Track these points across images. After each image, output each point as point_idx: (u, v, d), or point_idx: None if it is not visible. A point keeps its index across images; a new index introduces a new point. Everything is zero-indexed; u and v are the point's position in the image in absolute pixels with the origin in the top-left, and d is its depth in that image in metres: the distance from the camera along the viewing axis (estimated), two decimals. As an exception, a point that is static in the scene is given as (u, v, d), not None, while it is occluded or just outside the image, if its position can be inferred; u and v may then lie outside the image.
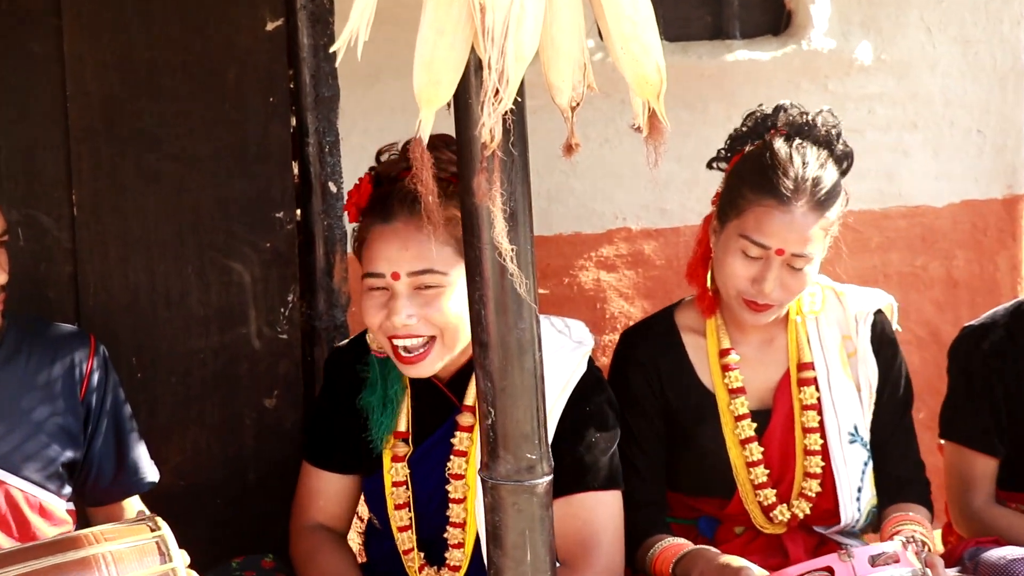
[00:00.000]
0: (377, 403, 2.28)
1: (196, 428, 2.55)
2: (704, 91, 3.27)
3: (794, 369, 2.50)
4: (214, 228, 2.52)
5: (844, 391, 2.48)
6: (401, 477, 2.27)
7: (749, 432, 2.47)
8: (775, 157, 2.38)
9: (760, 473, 2.46)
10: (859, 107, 3.42)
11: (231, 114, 2.50)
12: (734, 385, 2.48)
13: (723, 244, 2.40)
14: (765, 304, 2.37)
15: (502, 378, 1.61)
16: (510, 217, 1.51)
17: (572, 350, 2.26)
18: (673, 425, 2.51)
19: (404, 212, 2.12)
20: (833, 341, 2.50)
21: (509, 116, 1.46)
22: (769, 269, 2.34)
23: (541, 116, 2.84)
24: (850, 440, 2.48)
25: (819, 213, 2.35)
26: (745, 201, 2.37)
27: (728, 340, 2.50)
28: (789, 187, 2.33)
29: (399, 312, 2.11)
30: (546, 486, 1.64)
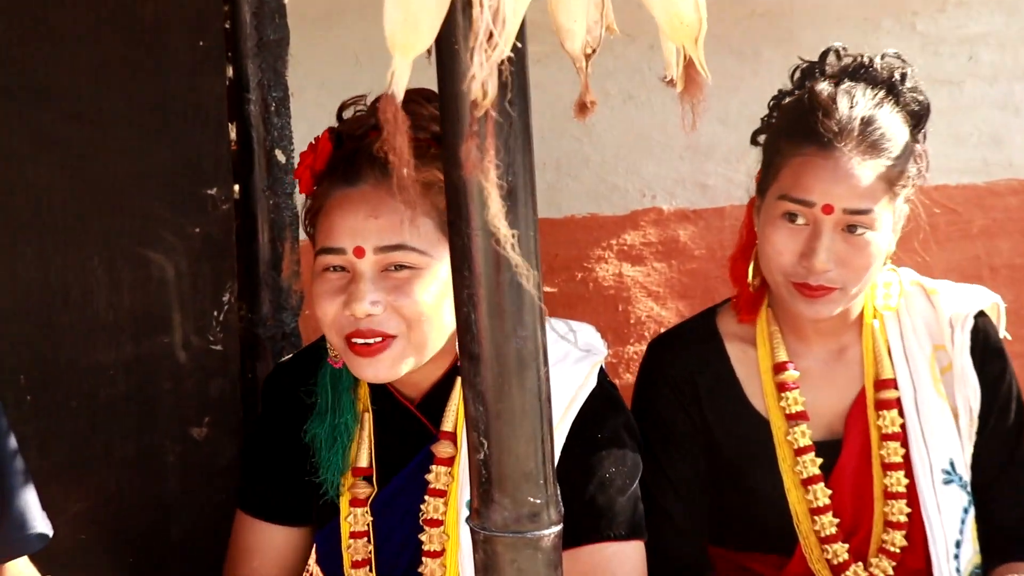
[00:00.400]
0: (326, 436, 2.30)
1: (103, 467, 2.57)
2: (756, 34, 3.29)
3: (871, 388, 2.51)
4: (127, 208, 2.53)
5: (937, 416, 2.49)
6: (362, 526, 2.29)
7: (813, 470, 2.48)
8: (815, 98, 2.41)
9: (828, 523, 2.48)
10: (957, 52, 3.44)
11: (147, 62, 2.52)
12: (793, 409, 2.49)
13: (764, 218, 2.42)
14: (820, 287, 2.36)
15: (497, 400, 1.62)
16: (508, 195, 1.53)
17: (578, 360, 2.28)
18: (716, 461, 2.53)
19: (375, 173, 2.13)
20: (922, 352, 2.51)
21: (506, 66, 1.47)
22: (819, 237, 2.34)
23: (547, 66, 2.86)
24: (945, 480, 2.48)
25: (874, 157, 2.34)
26: (782, 156, 2.40)
27: (785, 351, 2.51)
28: (831, 128, 2.35)
29: (362, 298, 2.10)
30: (554, 539, 1.66)
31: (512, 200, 1.54)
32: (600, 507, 2.23)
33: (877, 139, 2.36)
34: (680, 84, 1.53)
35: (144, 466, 2.59)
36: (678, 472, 2.50)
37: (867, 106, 2.38)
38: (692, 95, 1.53)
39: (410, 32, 1.44)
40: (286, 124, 2.64)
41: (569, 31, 1.51)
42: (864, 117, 2.37)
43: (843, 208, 2.33)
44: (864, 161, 2.34)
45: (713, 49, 1.56)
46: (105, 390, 2.55)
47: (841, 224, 2.34)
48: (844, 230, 2.35)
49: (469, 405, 1.64)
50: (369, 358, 2.13)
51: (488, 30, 1.42)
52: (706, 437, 2.52)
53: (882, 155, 2.35)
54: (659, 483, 2.49)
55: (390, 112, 1.43)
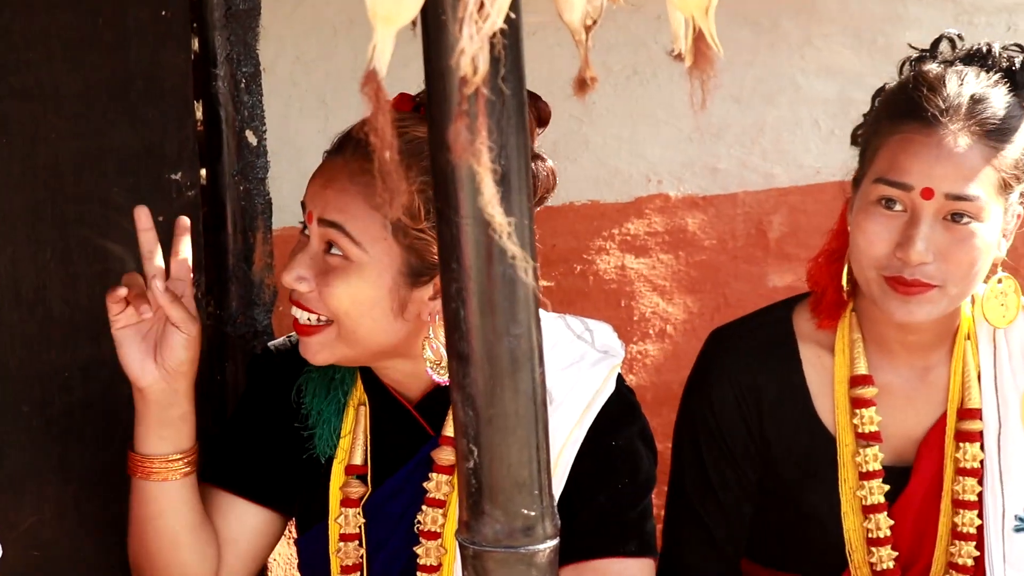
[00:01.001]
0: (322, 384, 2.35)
1: (58, 479, 2.57)
2: (773, 3, 3.30)
3: (952, 415, 2.47)
4: (83, 195, 2.53)
5: (1019, 457, 2.45)
6: (353, 528, 2.31)
7: (879, 497, 2.45)
8: (921, 76, 2.38)
9: (886, 556, 2.46)
10: (994, 22, 3.45)
11: (106, 33, 2.52)
12: (867, 428, 2.45)
13: (858, 207, 2.37)
14: (916, 282, 2.30)
15: (489, 405, 1.63)
16: (500, 180, 1.53)
17: (595, 362, 2.30)
18: (770, 476, 2.51)
19: (351, 148, 2.21)
20: (1015, 384, 2.47)
21: (498, 39, 1.48)
22: (917, 224, 2.29)
23: (543, 39, 2.86)
24: (1016, 527, 2.45)
25: (983, 140, 2.30)
26: (880, 137, 2.36)
27: (866, 364, 2.46)
28: (937, 103, 2.31)
29: (292, 268, 2.21)
30: (549, 554, 1.67)
31: (505, 186, 1.54)
32: (609, 521, 2.25)
33: (988, 118, 2.31)
34: (689, 58, 1.54)
35: (104, 478, 2.59)
36: (725, 484, 2.48)
37: (977, 85, 2.34)
38: (702, 70, 1.53)
39: (393, 1, 1.44)
40: (257, 102, 2.64)
41: (568, 1, 1.51)
42: (975, 95, 2.33)
43: (945, 193, 2.28)
44: (972, 143, 2.30)
45: (726, 20, 1.57)
46: (61, 396, 2.55)
47: (943, 212, 2.30)
48: (946, 219, 2.30)
49: (458, 409, 1.65)
50: (301, 337, 2.25)
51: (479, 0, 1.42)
52: (763, 450, 2.50)
53: (992, 138, 2.31)
54: (702, 494, 2.48)
55: (372, 89, 1.43)
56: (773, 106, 3.41)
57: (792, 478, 2.50)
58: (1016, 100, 2.36)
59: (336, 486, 2.33)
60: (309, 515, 2.37)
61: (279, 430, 2.39)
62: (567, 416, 2.23)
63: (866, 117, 2.51)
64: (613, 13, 1.55)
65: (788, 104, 3.40)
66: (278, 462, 2.38)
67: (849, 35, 3.32)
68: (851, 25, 3.31)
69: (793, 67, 3.39)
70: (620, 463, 2.27)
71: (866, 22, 3.31)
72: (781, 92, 3.41)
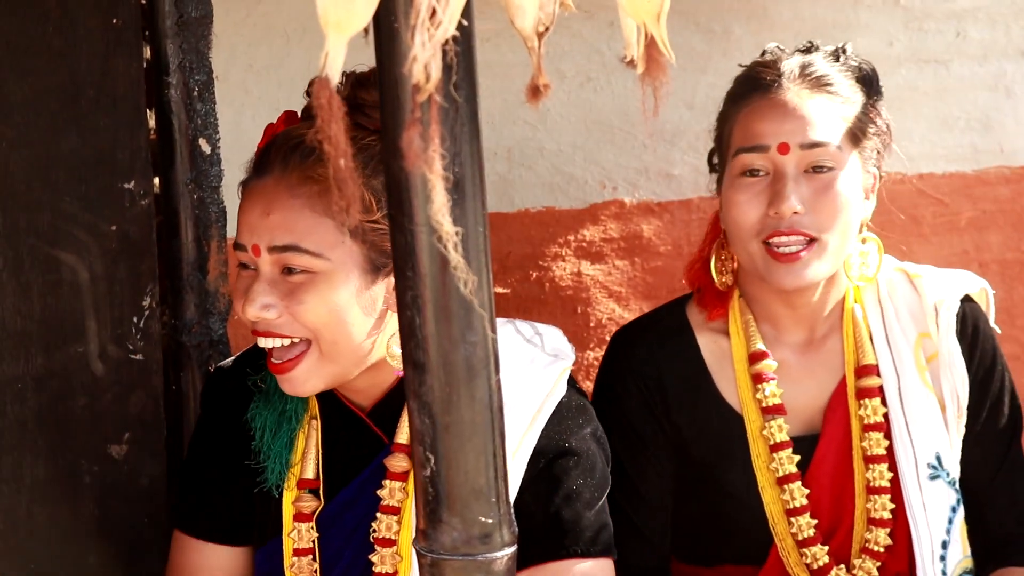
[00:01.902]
0: (272, 420, 2.33)
1: (11, 490, 2.56)
2: (725, 9, 3.31)
3: (851, 376, 2.55)
4: (34, 204, 2.52)
5: (922, 407, 2.53)
6: (307, 543, 2.31)
7: (790, 467, 2.51)
8: (755, 64, 2.56)
9: (805, 524, 2.51)
10: (944, 29, 3.47)
11: (55, 41, 2.51)
12: (770, 402, 2.53)
13: (725, 193, 2.50)
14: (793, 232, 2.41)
15: (445, 412, 1.63)
16: (454, 188, 1.53)
17: (546, 366, 2.31)
18: (685, 462, 2.56)
19: (278, 165, 2.18)
20: (906, 340, 2.56)
21: (451, 46, 1.48)
22: (782, 179, 2.42)
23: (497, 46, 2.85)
24: (931, 475, 2.52)
25: (823, 94, 2.47)
26: (730, 122, 2.51)
27: (761, 340, 2.55)
28: (774, 72, 2.49)
29: (253, 299, 2.16)
30: (507, 562, 1.67)
31: (459, 193, 1.54)
32: (566, 522, 2.25)
33: (819, 76, 2.48)
34: (641, 65, 1.54)
35: (57, 488, 2.58)
36: (645, 478, 2.52)
37: (804, 57, 2.52)
38: (654, 77, 1.54)
39: (345, 8, 1.43)
40: (210, 110, 2.63)
41: (520, 7, 1.51)
42: (802, 61, 2.51)
43: (799, 143, 2.43)
44: (812, 95, 2.46)
45: (678, 26, 1.57)
46: (13, 406, 2.54)
47: (802, 164, 2.43)
48: (807, 172, 2.43)
49: (414, 417, 1.64)
50: (282, 375, 2.20)
51: (431, 6, 1.42)
52: (674, 437, 2.55)
53: (828, 90, 2.47)
54: (624, 489, 2.51)
55: (324, 97, 1.43)
56: (726, 112, 3.42)
57: (708, 460, 2.55)
58: (843, 71, 2.52)
59: (288, 501, 2.33)
60: (263, 532, 2.36)
61: (232, 463, 2.38)
62: (519, 420, 2.23)
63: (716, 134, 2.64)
64: (566, 20, 1.55)
65: (741, 110, 3.41)
66: (236, 499, 2.38)
67: (801, 41, 3.32)
68: (803, 31, 3.32)
69: (746, 73, 3.40)
70: (575, 464, 2.27)
71: (818, 28, 3.32)
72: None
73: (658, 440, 2.54)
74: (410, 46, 1.43)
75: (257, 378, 2.37)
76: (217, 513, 2.39)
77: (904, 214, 3.35)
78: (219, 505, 2.39)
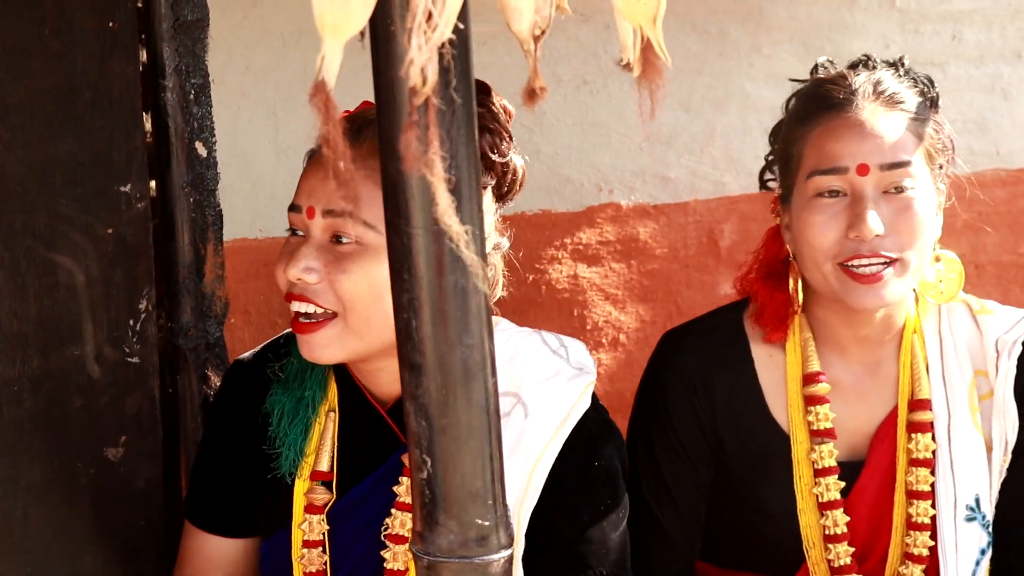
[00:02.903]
0: (289, 407, 2.33)
1: (8, 492, 2.56)
2: (721, 11, 3.32)
3: (903, 407, 2.51)
4: (30, 207, 2.52)
5: (969, 447, 2.49)
6: (317, 535, 2.31)
7: (834, 494, 2.48)
8: (820, 80, 2.49)
9: (843, 552, 2.48)
10: (940, 31, 3.48)
11: (51, 43, 2.51)
12: (821, 425, 2.48)
13: (797, 210, 2.43)
14: (875, 255, 2.35)
15: (441, 415, 1.63)
16: (452, 190, 1.54)
17: (571, 378, 2.31)
18: (723, 474, 2.54)
19: (351, 135, 2.19)
20: (961, 377, 2.51)
21: (448, 49, 1.48)
22: (862, 200, 2.36)
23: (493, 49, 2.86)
24: (968, 517, 2.49)
25: (899, 112, 2.40)
26: (799, 142, 2.44)
27: (818, 361, 2.50)
28: (846, 89, 2.42)
29: (298, 261, 2.18)
30: (504, 564, 1.67)
31: (456, 196, 1.55)
32: (593, 540, 2.26)
33: (892, 93, 2.42)
34: (637, 68, 1.54)
35: (54, 491, 2.58)
36: (679, 481, 2.50)
37: (872, 73, 2.46)
38: (651, 80, 1.54)
39: (341, 12, 1.44)
40: (207, 114, 2.64)
41: (516, 10, 1.51)
42: (873, 78, 2.44)
43: (879, 164, 2.37)
44: (887, 113, 2.40)
45: (674, 29, 1.57)
46: (9, 408, 2.54)
47: (882, 185, 2.37)
48: (887, 192, 2.37)
49: (411, 419, 1.65)
50: (303, 335, 2.21)
51: (427, 9, 1.42)
52: (716, 448, 2.52)
53: (901, 107, 2.41)
54: (657, 493, 2.50)
55: (321, 100, 1.43)
56: (722, 114, 3.42)
57: (747, 476, 2.52)
58: (905, 82, 2.47)
59: (300, 492, 2.33)
60: (272, 520, 2.37)
61: (244, 453, 2.39)
62: (543, 429, 2.24)
63: (772, 143, 2.59)
64: (562, 23, 1.56)
65: (737, 112, 3.42)
66: (246, 491, 2.40)
67: (797, 43, 3.34)
68: (799, 33, 3.33)
69: (742, 75, 3.40)
70: (602, 483, 2.28)
71: (814, 30, 3.33)
72: (730, 100, 3.42)
73: (700, 449, 2.51)
74: (407, 49, 1.43)
75: (276, 366, 2.38)
76: (226, 507, 2.41)
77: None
78: (228, 499, 2.41)
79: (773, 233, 2.55)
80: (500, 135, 2.26)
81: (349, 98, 2.13)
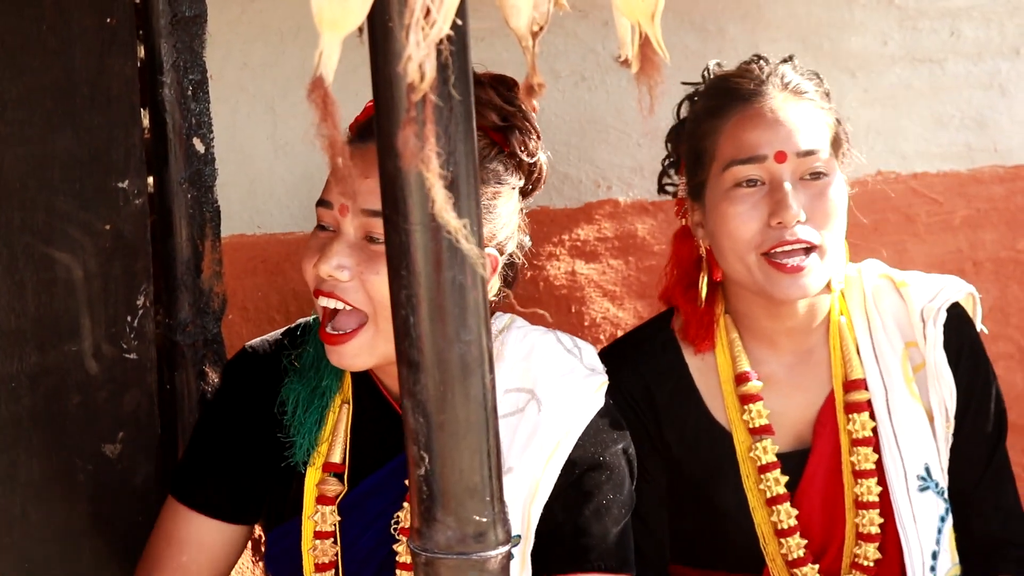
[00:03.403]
0: (305, 395, 2.33)
1: (5, 489, 2.56)
2: (719, 7, 3.31)
3: (839, 390, 2.54)
4: (28, 203, 2.52)
5: (910, 418, 2.52)
6: (328, 526, 2.32)
7: (778, 489, 2.50)
8: (725, 74, 2.54)
9: (795, 545, 2.51)
10: (938, 28, 3.47)
11: (50, 40, 2.50)
12: (757, 423, 2.51)
13: (713, 208, 2.46)
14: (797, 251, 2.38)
15: (440, 411, 1.64)
16: (449, 186, 1.54)
17: (584, 377, 2.32)
18: (677, 478, 2.55)
19: None
20: (892, 351, 2.55)
21: (445, 45, 1.48)
22: (781, 188, 2.40)
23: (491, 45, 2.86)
24: (920, 487, 2.52)
25: (805, 100, 2.45)
26: (711, 136, 2.47)
27: (746, 360, 2.54)
28: (753, 79, 2.47)
29: (330, 257, 2.17)
30: (501, 560, 1.67)
31: (454, 192, 1.55)
32: (595, 535, 2.27)
33: (797, 83, 2.47)
34: (636, 64, 1.54)
35: (51, 487, 2.58)
36: (640, 494, 2.51)
37: (775, 64, 2.51)
38: (649, 76, 1.54)
39: (339, 7, 1.44)
40: (204, 109, 2.64)
41: (514, 6, 1.51)
42: (774, 68, 2.49)
43: (795, 152, 2.41)
44: (796, 102, 2.45)
45: (672, 25, 1.57)
46: (7, 404, 2.54)
47: (799, 172, 2.42)
48: (803, 179, 2.42)
49: (409, 416, 1.65)
50: (334, 346, 2.21)
51: (425, 5, 1.42)
52: (665, 454, 2.55)
53: (807, 96, 2.46)
54: None
55: (319, 97, 1.43)
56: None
57: (699, 477, 2.55)
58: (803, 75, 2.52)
59: (312, 483, 2.33)
60: (281, 511, 2.37)
61: (253, 440, 2.38)
62: (557, 425, 2.25)
63: (674, 145, 2.64)
64: (560, 19, 1.56)
65: (736, 109, 3.41)
66: (247, 475, 2.39)
67: (795, 40, 3.33)
68: (797, 30, 3.33)
69: (740, 72, 3.40)
70: (607, 478, 2.29)
71: (812, 27, 3.33)
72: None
73: (652, 458, 2.53)
74: (405, 45, 1.43)
75: (293, 355, 2.38)
76: (220, 487, 2.40)
77: (898, 213, 3.35)
78: (224, 479, 2.40)
79: (682, 235, 2.58)
80: (529, 133, 2.26)
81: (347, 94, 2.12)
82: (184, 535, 2.40)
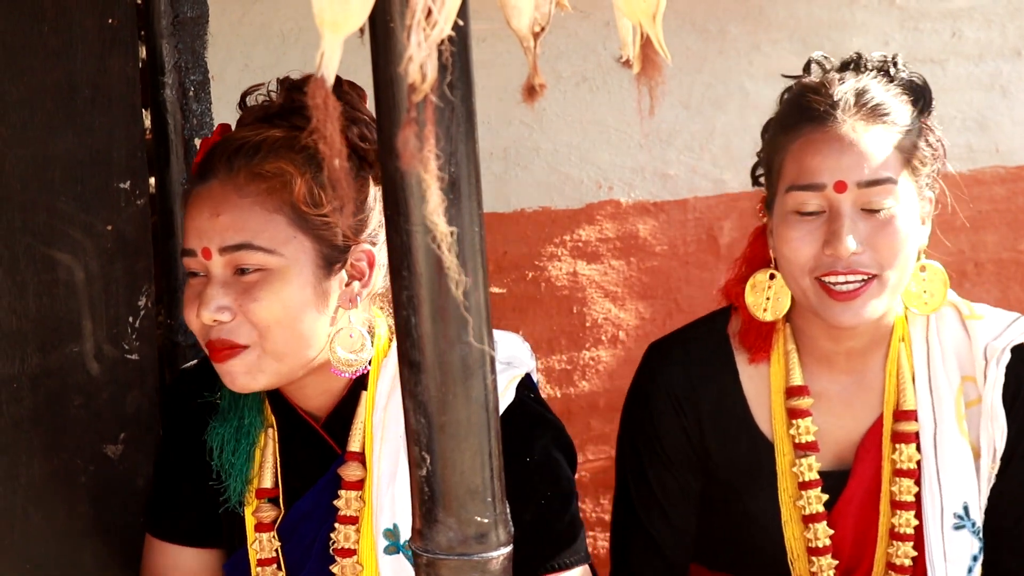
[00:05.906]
0: (229, 437, 2.32)
1: (6, 490, 2.56)
2: (721, 9, 3.32)
3: (888, 418, 2.49)
4: (30, 204, 2.52)
5: (955, 456, 2.47)
6: (269, 552, 2.31)
7: (817, 507, 2.47)
8: (804, 87, 2.44)
9: (826, 565, 2.48)
10: (939, 29, 3.48)
11: (51, 40, 2.50)
12: (804, 439, 2.47)
13: (777, 225, 2.40)
14: (852, 272, 2.31)
15: (441, 412, 1.63)
16: (449, 187, 1.53)
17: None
18: (711, 482, 2.53)
19: (222, 167, 2.19)
20: (949, 385, 2.48)
21: (447, 46, 1.48)
22: (839, 219, 2.31)
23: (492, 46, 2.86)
24: (956, 525, 2.47)
25: (877, 123, 2.35)
26: (781, 153, 2.40)
27: (801, 374, 2.48)
28: (827, 101, 2.36)
29: (208, 303, 2.16)
30: (503, 561, 1.67)
31: (455, 193, 1.55)
32: (541, 537, 2.24)
33: (876, 105, 2.36)
34: (637, 65, 1.54)
35: (53, 488, 2.58)
36: (669, 494, 2.49)
37: (859, 81, 2.40)
38: (650, 77, 1.54)
39: (340, 8, 1.44)
40: (206, 110, 2.64)
41: (516, 7, 1.51)
42: (857, 88, 2.38)
43: (856, 182, 2.32)
44: (868, 127, 2.34)
45: (673, 26, 1.57)
46: (8, 406, 2.54)
47: (860, 203, 2.33)
48: (864, 209, 2.33)
49: (410, 417, 1.65)
50: (220, 364, 2.19)
51: (426, 6, 1.42)
52: (703, 458, 2.52)
53: (885, 120, 2.36)
54: (646, 502, 2.49)
55: (320, 97, 1.42)
56: (722, 112, 3.42)
57: (735, 485, 2.52)
58: (895, 89, 2.42)
59: (249, 511, 2.33)
60: (231, 542, 2.38)
61: (197, 475, 2.39)
62: None
63: (761, 148, 2.55)
64: (561, 20, 1.55)
65: (737, 110, 3.41)
66: (203, 504, 2.39)
67: (796, 41, 3.34)
68: (798, 31, 3.33)
69: (741, 73, 3.40)
70: (539, 477, 2.25)
71: (813, 28, 3.33)
72: (730, 98, 3.42)
73: (688, 460, 2.51)
74: (406, 46, 1.43)
75: (214, 397, 2.38)
76: (184, 517, 2.42)
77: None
78: (186, 510, 2.41)
79: (759, 232, 2.53)
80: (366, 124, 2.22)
81: (348, 95, 2.13)
82: (167, 568, 2.42)
